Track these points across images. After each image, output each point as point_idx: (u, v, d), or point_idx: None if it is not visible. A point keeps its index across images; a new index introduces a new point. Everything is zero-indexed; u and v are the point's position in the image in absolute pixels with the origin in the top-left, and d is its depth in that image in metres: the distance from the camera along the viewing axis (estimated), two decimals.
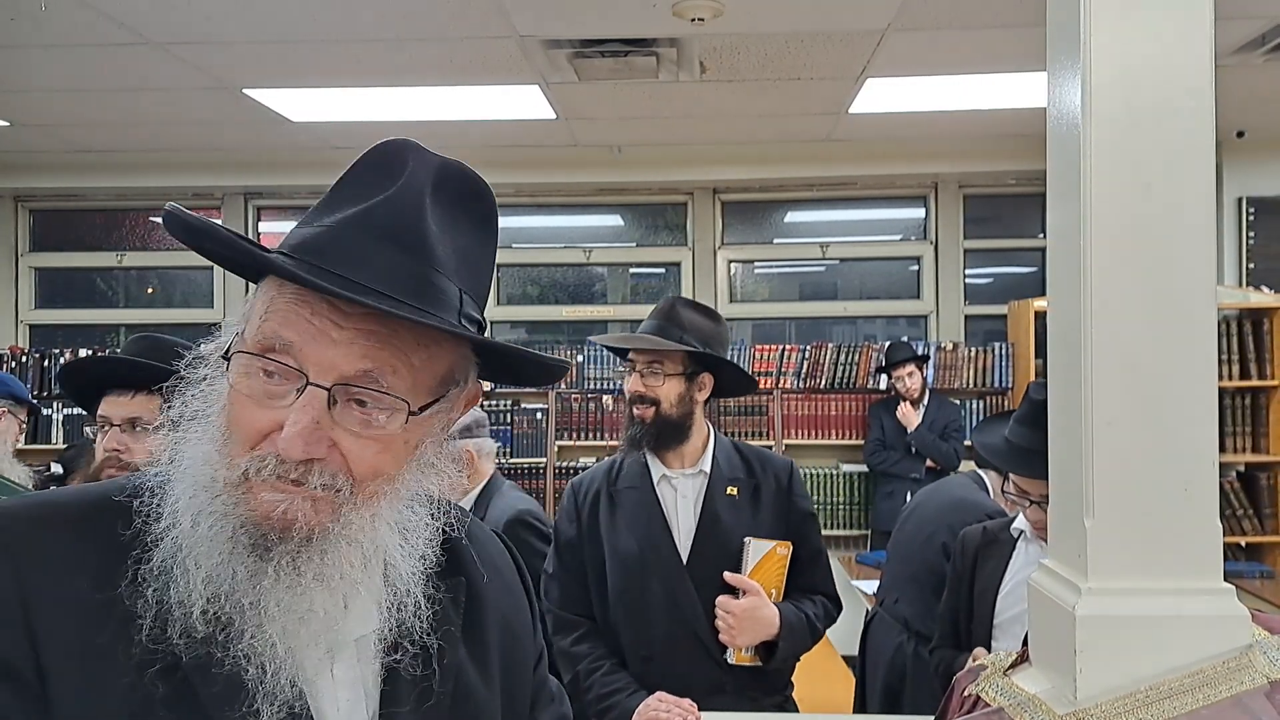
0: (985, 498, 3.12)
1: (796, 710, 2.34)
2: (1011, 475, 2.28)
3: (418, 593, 0.91)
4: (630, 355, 2.27)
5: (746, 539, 2.19)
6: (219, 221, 0.89)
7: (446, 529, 0.96)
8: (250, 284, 0.94)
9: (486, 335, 0.93)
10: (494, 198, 0.96)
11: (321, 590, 0.84)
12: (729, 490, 2.25)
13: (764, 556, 2.20)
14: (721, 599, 2.15)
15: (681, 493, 2.27)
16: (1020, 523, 2.35)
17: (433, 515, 0.94)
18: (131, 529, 0.84)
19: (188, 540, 0.82)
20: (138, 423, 2.03)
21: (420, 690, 0.91)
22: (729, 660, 2.17)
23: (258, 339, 0.83)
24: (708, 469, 2.27)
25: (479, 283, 0.94)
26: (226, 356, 0.84)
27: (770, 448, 5.45)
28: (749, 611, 2.14)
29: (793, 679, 2.36)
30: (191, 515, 0.82)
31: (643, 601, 2.21)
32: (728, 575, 2.16)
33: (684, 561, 2.21)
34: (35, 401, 3.87)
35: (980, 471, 3.27)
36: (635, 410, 2.23)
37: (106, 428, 2.02)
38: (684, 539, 2.23)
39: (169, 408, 0.89)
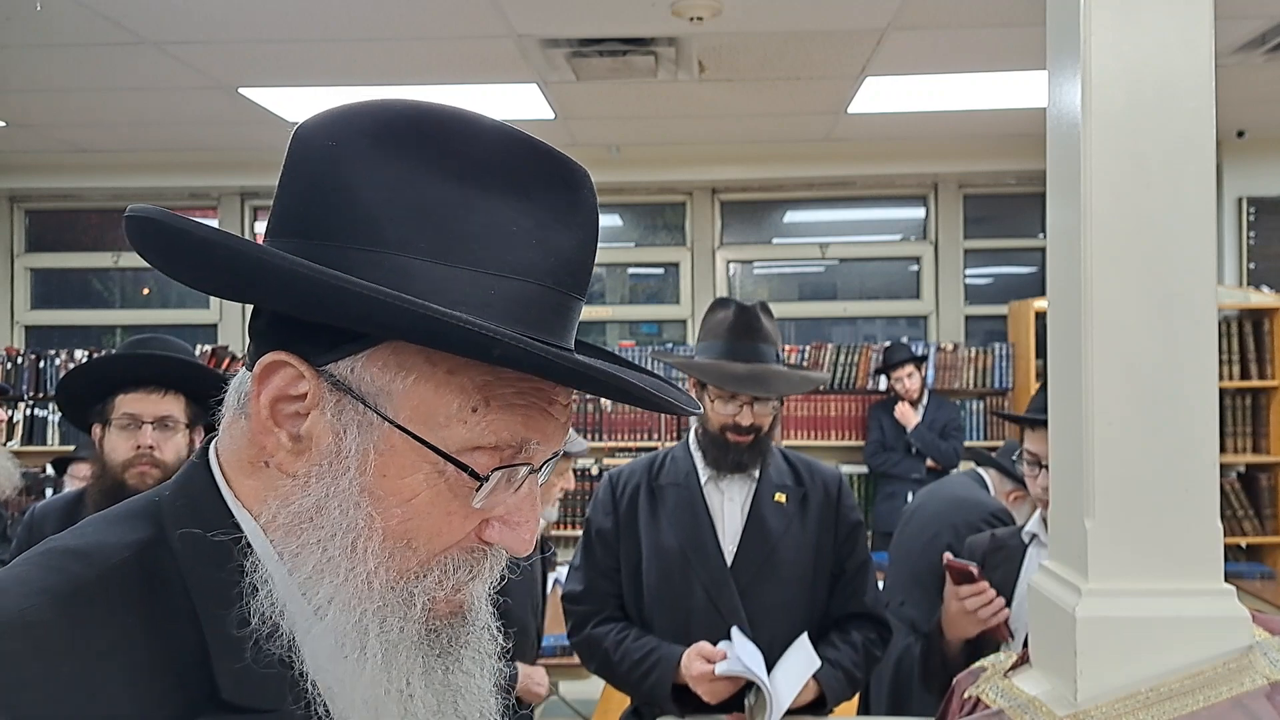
0: (986, 495, 3.11)
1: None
2: (1026, 440, 2.25)
3: None
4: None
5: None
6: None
7: None
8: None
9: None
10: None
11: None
12: (777, 496, 2.23)
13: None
14: None
15: (729, 495, 2.24)
16: (1032, 525, 2.28)
17: None
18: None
19: (368, 677, 0.69)
20: (169, 421, 2.06)
21: None
22: None
23: (492, 443, 0.69)
24: (757, 473, 2.25)
25: None
26: (480, 478, 0.68)
27: None
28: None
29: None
30: (382, 649, 0.69)
31: (684, 602, 2.18)
32: None
33: (728, 564, 2.18)
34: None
35: (980, 470, 3.26)
36: (731, 437, 2.18)
37: (131, 425, 2.04)
38: (729, 542, 2.21)
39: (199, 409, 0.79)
